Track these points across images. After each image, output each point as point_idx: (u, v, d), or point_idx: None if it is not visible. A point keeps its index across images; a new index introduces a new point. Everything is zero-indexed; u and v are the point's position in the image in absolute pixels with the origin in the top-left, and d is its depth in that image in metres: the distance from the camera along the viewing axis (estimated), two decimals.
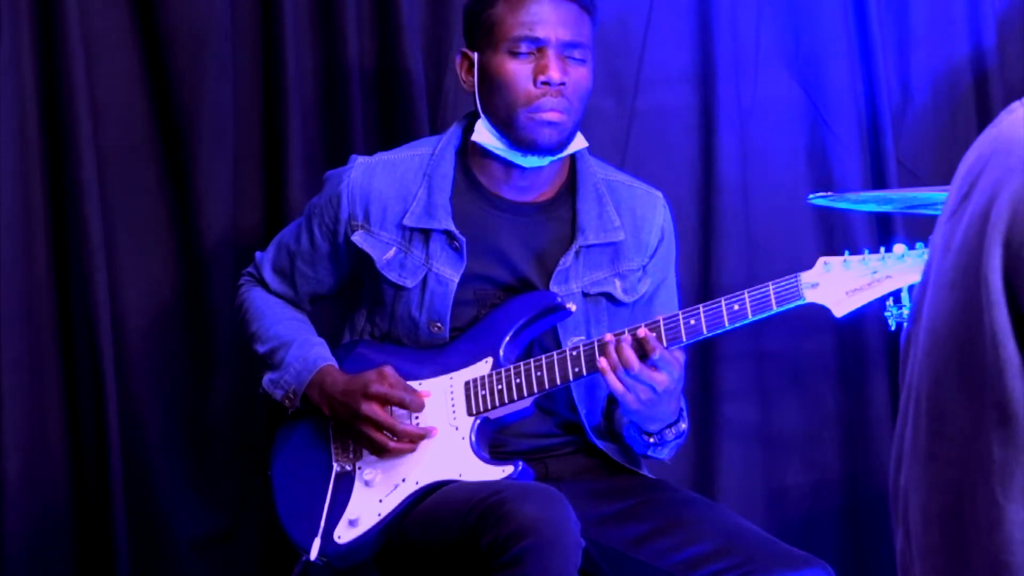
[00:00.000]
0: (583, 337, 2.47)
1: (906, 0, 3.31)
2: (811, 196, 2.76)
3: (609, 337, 2.34)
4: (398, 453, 2.44)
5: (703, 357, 3.24)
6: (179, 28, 3.00)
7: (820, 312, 2.31)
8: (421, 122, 3.06)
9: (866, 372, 3.28)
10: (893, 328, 2.44)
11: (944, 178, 3.19)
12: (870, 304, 3.19)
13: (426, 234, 2.48)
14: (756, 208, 3.25)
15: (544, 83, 2.41)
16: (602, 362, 2.33)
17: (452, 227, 2.47)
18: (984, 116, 3.30)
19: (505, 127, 2.44)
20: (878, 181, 3.26)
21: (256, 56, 3.07)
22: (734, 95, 3.23)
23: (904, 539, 1.20)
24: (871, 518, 3.28)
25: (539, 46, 2.43)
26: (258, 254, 2.68)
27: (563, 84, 2.42)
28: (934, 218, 2.57)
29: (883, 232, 3.26)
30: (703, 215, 3.24)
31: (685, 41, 3.25)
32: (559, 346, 2.45)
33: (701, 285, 3.22)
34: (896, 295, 2.53)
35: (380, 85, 3.10)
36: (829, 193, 2.79)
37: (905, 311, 2.37)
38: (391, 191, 2.51)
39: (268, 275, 2.64)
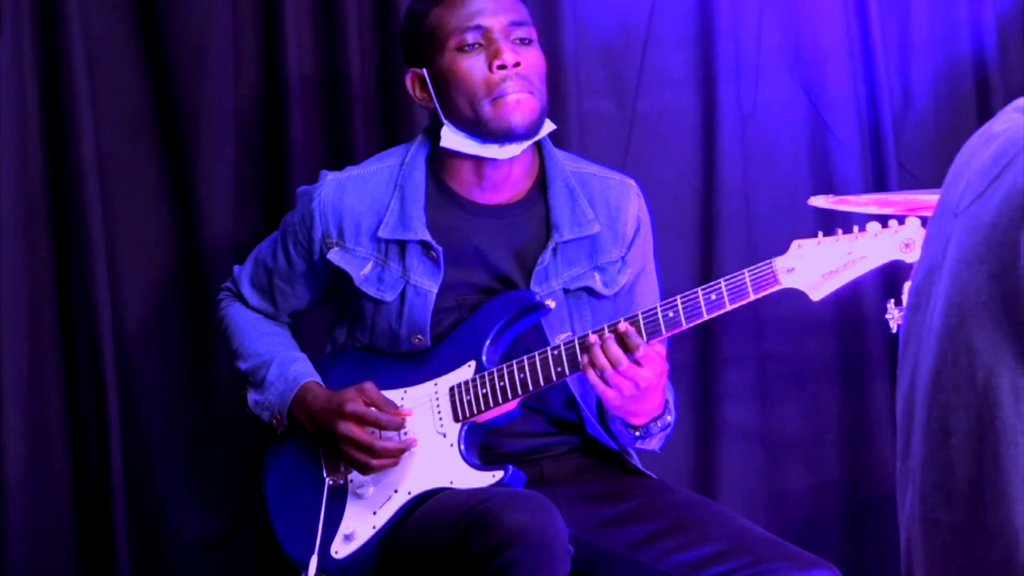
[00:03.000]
0: (569, 333, 2.45)
1: (907, 2, 3.31)
2: (812, 198, 2.76)
3: (593, 337, 2.33)
4: (380, 470, 2.43)
5: (704, 359, 3.25)
6: (180, 30, 3.00)
7: (821, 314, 2.32)
8: (422, 124, 3.05)
9: (867, 374, 3.28)
10: (894, 330, 2.44)
11: None
12: (868, 304, 3.22)
13: (402, 246, 2.46)
14: (757, 210, 3.25)
15: (500, 67, 2.40)
16: (584, 359, 2.32)
17: (428, 237, 2.45)
18: (985, 118, 3.29)
19: (473, 124, 2.41)
20: (879, 183, 3.26)
21: (257, 58, 3.07)
22: (735, 97, 3.23)
23: (910, 519, 1.21)
24: (872, 520, 3.28)
25: (484, 33, 2.41)
26: (236, 268, 2.67)
27: (518, 64, 2.40)
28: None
29: None
30: (704, 217, 3.24)
31: (686, 43, 3.25)
32: (546, 343, 2.43)
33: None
34: (898, 297, 2.53)
35: (381, 87, 3.10)
36: (830, 195, 2.78)
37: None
38: (363, 205, 2.49)
39: (247, 290, 2.63)
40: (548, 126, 2.47)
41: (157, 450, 3.05)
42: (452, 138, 2.45)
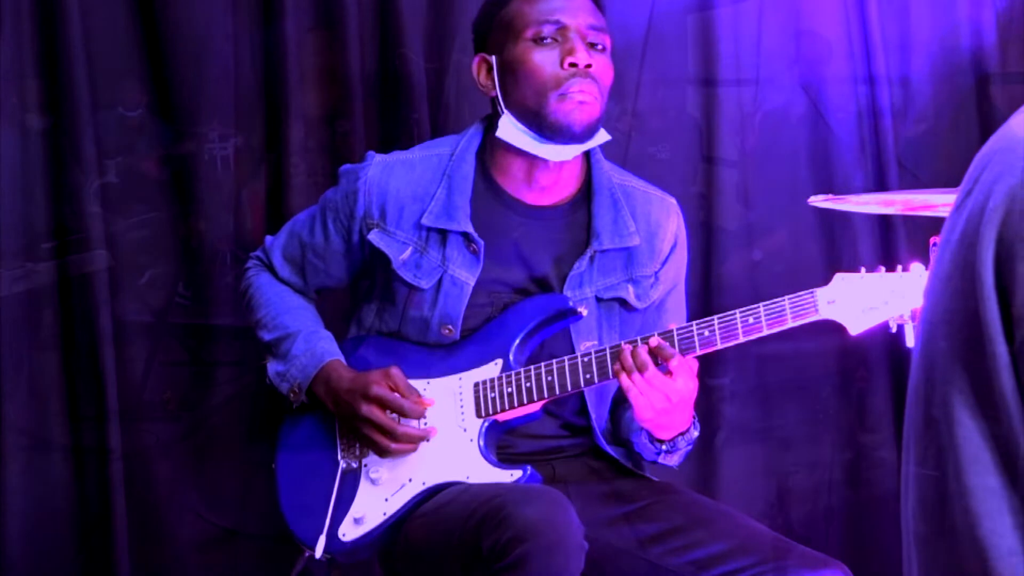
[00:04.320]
0: (595, 342, 2.46)
1: (907, 2, 3.31)
2: (812, 198, 2.76)
3: (625, 345, 2.34)
4: (399, 454, 2.44)
5: (704, 358, 3.23)
6: (180, 30, 3.00)
7: None
8: (422, 125, 3.06)
9: (867, 374, 3.28)
10: (894, 329, 2.44)
11: (945, 179, 3.20)
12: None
13: (443, 235, 2.47)
14: (757, 210, 3.25)
15: (572, 64, 2.40)
16: (617, 366, 2.33)
17: (470, 229, 2.45)
18: (985, 117, 3.30)
19: (534, 116, 2.41)
20: (879, 183, 3.26)
21: (257, 58, 3.07)
22: (735, 97, 3.23)
23: (904, 532, 1.21)
24: (872, 519, 3.28)
25: (561, 29, 2.42)
26: (268, 238, 2.67)
27: (590, 66, 2.41)
28: (935, 220, 2.57)
29: (885, 234, 3.26)
30: (704, 217, 3.24)
31: (686, 43, 3.25)
32: (571, 350, 2.44)
33: (702, 286, 3.22)
34: None
35: (381, 88, 3.10)
36: (830, 195, 2.78)
37: (906, 313, 2.36)
38: (408, 190, 2.49)
39: (278, 262, 2.63)
40: (602, 135, 2.47)
41: (157, 450, 3.05)
42: (510, 130, 2.44)
